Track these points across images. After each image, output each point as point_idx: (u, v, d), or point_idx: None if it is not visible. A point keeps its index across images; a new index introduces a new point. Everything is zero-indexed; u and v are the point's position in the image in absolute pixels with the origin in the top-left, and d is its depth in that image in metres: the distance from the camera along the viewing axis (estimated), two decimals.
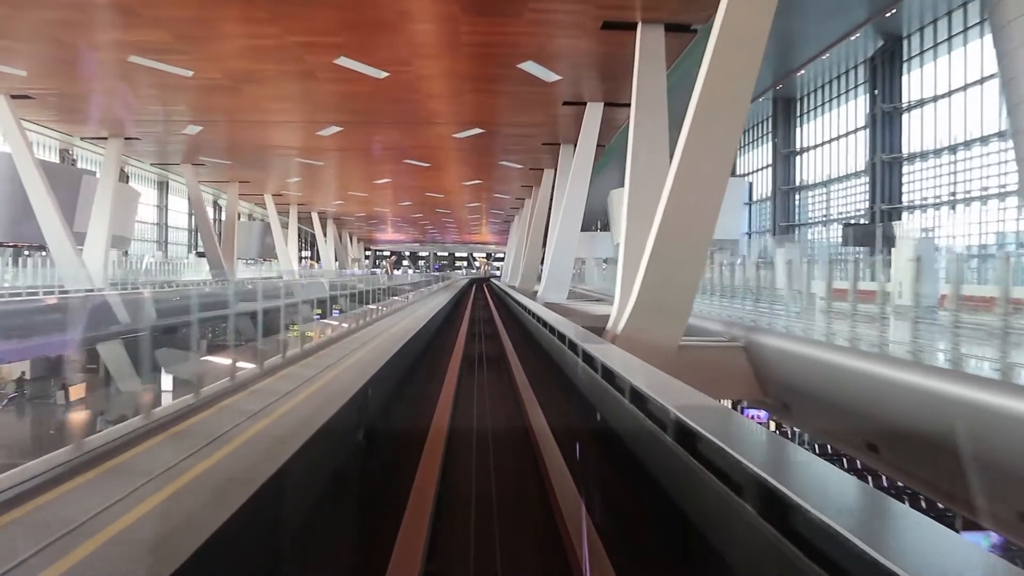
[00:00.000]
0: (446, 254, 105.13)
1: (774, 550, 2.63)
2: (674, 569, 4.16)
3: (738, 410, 16.54)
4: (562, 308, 17.76)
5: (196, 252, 47.39)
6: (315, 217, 56.59)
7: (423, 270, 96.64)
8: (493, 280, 68.93)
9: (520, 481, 7.39)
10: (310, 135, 25.90)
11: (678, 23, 14.00)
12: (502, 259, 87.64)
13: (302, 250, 64.86)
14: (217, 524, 2.90)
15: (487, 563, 5.38)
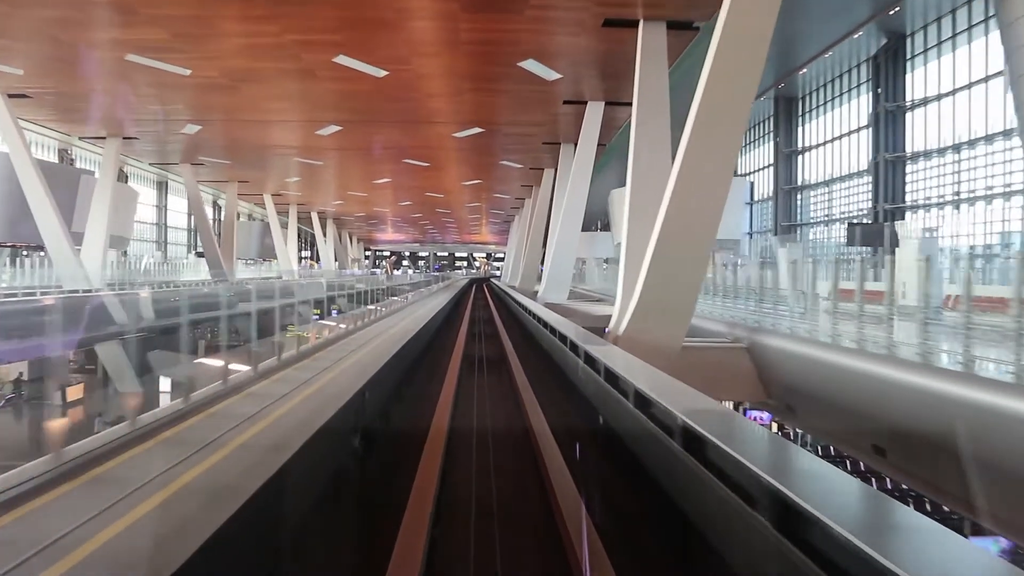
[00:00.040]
0: (446, 254, 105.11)
1: (786, 561, 2.56)
2: None
3: (740, 412, 16.42)
4: (563, 308, 17.65)
5: (195, 252, 47.26)
6: (315, 217, 56.56)
7: (423, 270, 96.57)
8: (493, 280, 68.92)
9: (521, 485, 7.26)
10: (309, 134, 25.79)
11: (680, 20, 13.92)
12: (502, 259, 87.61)
13: (302, 250, 64.78)
14: (203, 539, 2.75)
15: (487, 568, 5.26)
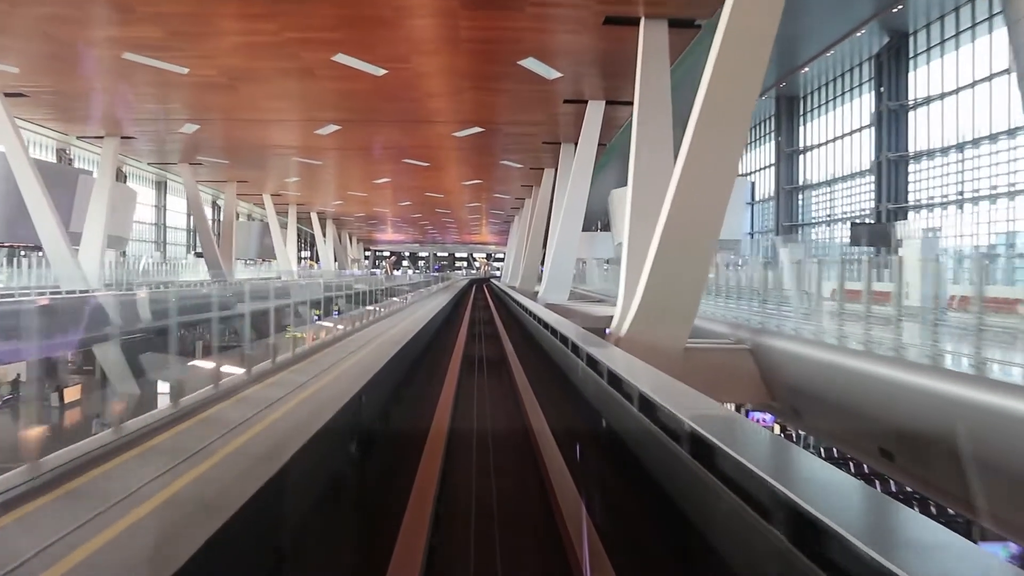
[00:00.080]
0: (446, 254, 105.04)
1: (794, 569, 2.49)
2: None
3: (742, 413, 16.25)
4: (563, 309, 17.51)
5: (194, 253, 47.11)
6: (314, 217, 56.46)
7: (423, 271, 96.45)
8: (493, 281, 68.85)
9: (521, 489, 7.11)
10: (308, 134, 25.64)
11: (681, 18, 13.81)
12: (502, 259, 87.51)
13: (301, 250, 64.65)
14: (187, 555, 2.59)
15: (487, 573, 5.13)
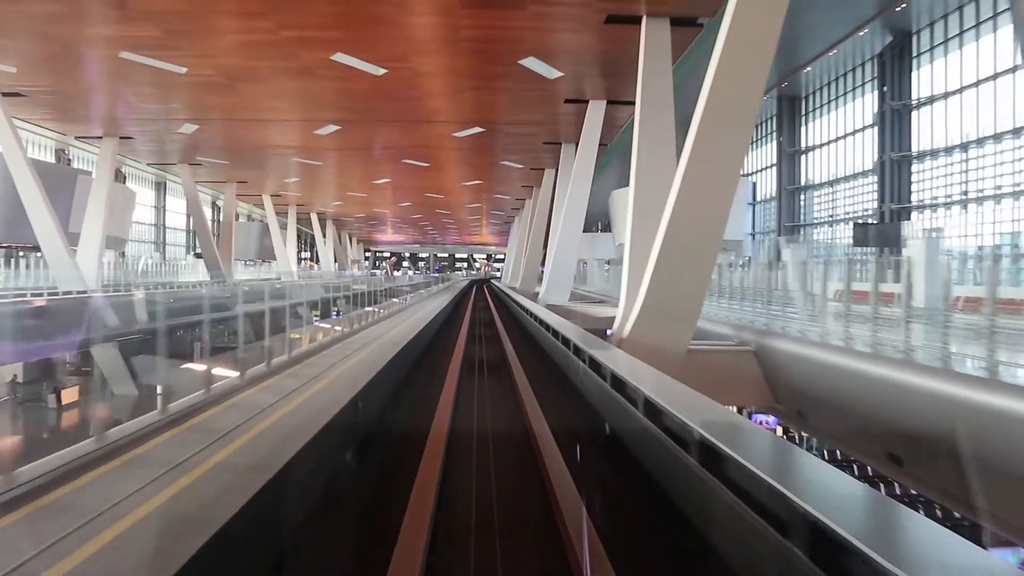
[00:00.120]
0: (446, 255, 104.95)
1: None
2: None
3: (744, 415, 16.07)
4: (564, 310, 17.36)
5: (194, 253, 46.96)
6: (314, 218, 56.36)
7: (423, 271, 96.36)
8: (493, 282, 68.74)
9: (523, 496, 6.93)
10: (308, 134, 25.52)
11: (684, 16, 13.69)
12: (502, 260, 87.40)
13: (301, 251, 64.50)
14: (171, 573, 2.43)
15: None
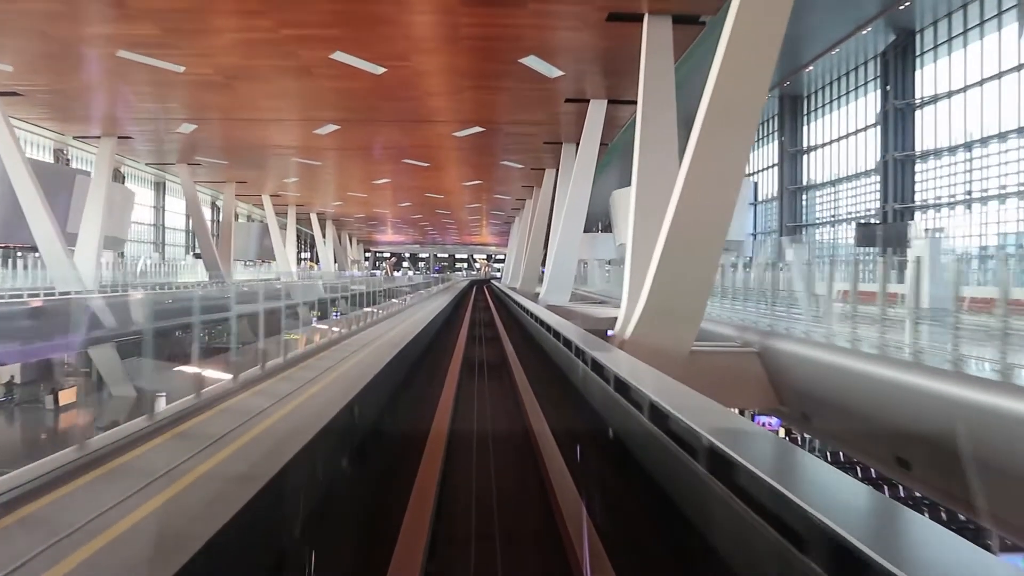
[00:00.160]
0: (446, 256, 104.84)
1: None
2: None
3: (747, 417, 15.93)
4: (564, 311, 17.21)
5: (193, 254, 46.83)
6: (314, 218, 56.22)
7: (423, 272, 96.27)
8: (493, 282, 68.63)
9: (525, 507, 6.80)
10: (307, 134, 25.38)
11: (686, 14, 13.54)
12: (503, 261, 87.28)
13: (301, 251, 64.37)
14: None
15: None
